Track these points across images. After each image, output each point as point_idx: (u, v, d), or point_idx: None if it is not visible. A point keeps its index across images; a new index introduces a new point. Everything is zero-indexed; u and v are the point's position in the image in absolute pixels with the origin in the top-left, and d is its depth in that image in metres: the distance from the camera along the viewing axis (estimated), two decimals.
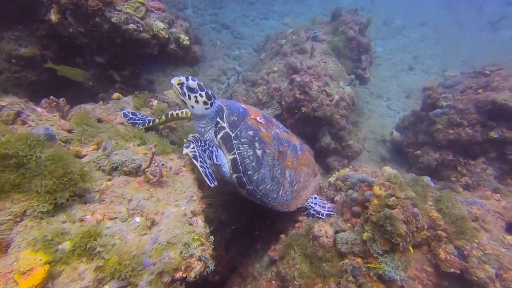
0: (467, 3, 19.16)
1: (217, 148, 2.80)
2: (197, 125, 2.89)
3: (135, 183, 2.17)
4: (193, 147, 2.36)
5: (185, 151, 2.32)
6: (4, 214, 1.52)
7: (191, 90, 2.64)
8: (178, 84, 2.63)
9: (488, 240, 2.58)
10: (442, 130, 5.44)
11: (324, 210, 3.37)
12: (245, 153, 2.81)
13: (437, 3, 19.20)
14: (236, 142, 2.78)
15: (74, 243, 1.56)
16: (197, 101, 2.67)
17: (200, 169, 2.25)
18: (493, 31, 16.11)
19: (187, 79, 2.63)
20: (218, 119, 2.84)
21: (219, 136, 2.80)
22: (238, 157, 2.77)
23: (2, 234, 1.47)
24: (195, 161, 2.28)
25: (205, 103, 2.69)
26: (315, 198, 3.62)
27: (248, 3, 16.13)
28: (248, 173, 2.82)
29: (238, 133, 2.81)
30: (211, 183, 2.26)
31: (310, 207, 3.45)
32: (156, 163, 2.21)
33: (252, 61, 11.73)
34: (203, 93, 2.67)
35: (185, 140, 2.47)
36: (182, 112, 3.13)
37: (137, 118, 3.26)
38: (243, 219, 4.26)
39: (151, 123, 3.21)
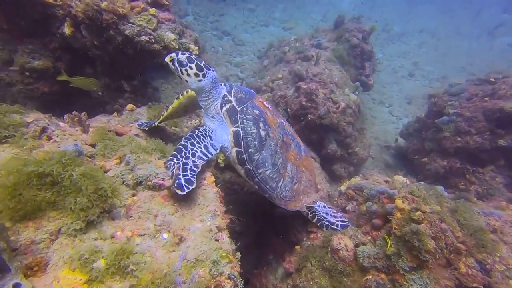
0: (464, 10, 19.49)
1: (213, 131, 2.75)
2: (200, 101, 2.87)
3: (160, 198, 2.16)
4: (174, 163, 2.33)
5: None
6: (41, 233, 1.51)
7: (181, 64, 2.62)
8: (170, 61, 2.64)
9: (509, 253, 2.58)
10: (450, 137, 5.48)
11: (337, 221, 3.32)
12: (249, 129, 2.76)
13: (434, 10, 19.51)
14: (241, 116, 2.76)
15: (108, 261, 1.54)
16: (188, 74, 2.65)
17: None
18: (490, 38, 16.36)
19: (177, 54, 2.62)
20: (226, 92, 2.84)
21: (224, 108, 2.79)
22: (241, 131, 2.73)
23: (40, 253, 1.46)
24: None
25: (196, 74, 2.66)
26: (324, 207, 3.54)
27: (248, 10, 16.30)
28: (249, 150, 2.75)
29: (244, 108, 2.81)
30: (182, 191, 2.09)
31: (322, 217, 3.38)
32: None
33: (254, 68, 11.82)
34: (193, 65, 2.64)
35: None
36: (191, 90, 3.07)
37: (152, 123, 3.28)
38: (255, 229, 4.25)
39: (164, 112, 3.21)
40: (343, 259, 2.61)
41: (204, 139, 2.64)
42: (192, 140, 2.56)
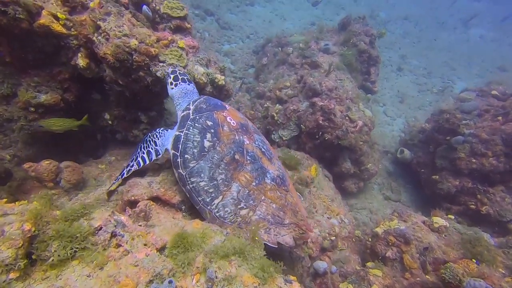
0: None
1: (160, 136, 3.01)
2: (176, 107, 3.20)
3: None
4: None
5: None
6: None
7: (167, 74, 3.12)
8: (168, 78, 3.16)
9: None
10: (464, 158, 5.60)
11: None
12: (192, 136, 2.79)
13: None
14: (190, 123, 2.83)
15: None
16: (167, 83, 3.11)
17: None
18: (465, 29, 16.97)
19: (168, 69, 3.14)
20: (191, 101, 3.01)
21: (181, 114, 2.94)
22: (182, 136, 2.78)
23: None
24: None
25: (171, 83, 3.07)
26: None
27: None
28: (185, 156, 2.74)
29: (197, 117, 2.86)
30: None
31: None
32: None
33: (246, 59, 11.08)
34: (172, 75, 3.09)
35: None
36: None
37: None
38: None
39: None
40: None
41: (149, 144, 2.98)
42: (142, 144, 3.02)
